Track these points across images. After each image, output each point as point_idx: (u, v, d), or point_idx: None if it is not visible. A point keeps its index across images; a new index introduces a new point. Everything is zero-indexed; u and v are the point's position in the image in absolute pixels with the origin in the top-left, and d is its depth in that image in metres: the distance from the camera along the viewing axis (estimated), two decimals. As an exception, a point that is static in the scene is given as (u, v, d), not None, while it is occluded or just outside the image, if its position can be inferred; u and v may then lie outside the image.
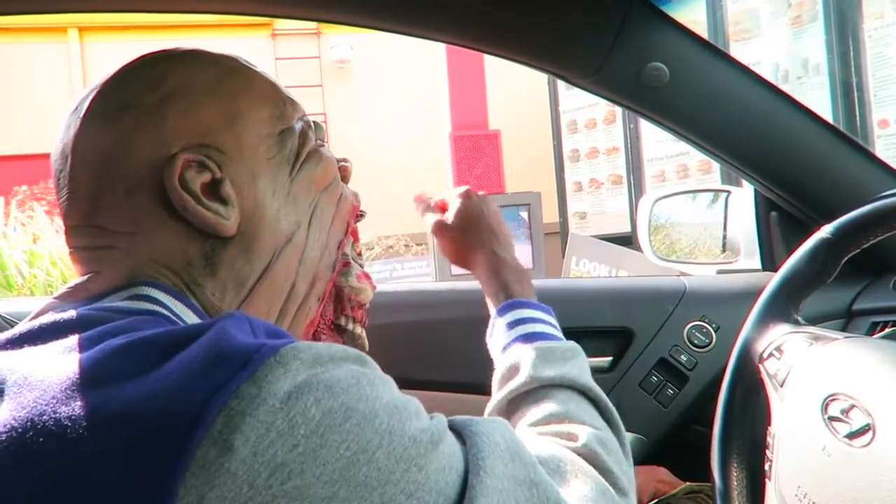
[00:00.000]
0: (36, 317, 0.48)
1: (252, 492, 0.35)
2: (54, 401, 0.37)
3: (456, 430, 0.45)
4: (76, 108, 0.54)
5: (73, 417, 0.36)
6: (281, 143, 0.56)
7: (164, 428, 0.35)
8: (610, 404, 0.61)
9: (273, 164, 0.55)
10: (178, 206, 0.50)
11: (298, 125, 0.58)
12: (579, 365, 0.63)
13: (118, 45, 7.58)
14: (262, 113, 0.55)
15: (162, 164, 0.50)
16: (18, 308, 0.91)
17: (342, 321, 0.61)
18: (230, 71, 0.55)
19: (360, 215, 0.64)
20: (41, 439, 0.36)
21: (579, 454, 0.53)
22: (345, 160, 0.63)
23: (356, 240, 0.64)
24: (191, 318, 0.48)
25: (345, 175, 0.63)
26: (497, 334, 0.68)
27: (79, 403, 0.36)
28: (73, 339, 0.41)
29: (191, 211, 0.50)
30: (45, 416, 0.37)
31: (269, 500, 0.35)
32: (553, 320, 0.69)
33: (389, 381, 0.43)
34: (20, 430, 0.37)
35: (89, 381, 0.38)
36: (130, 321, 0.43)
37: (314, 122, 0.61)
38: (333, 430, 0.37)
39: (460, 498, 0.40)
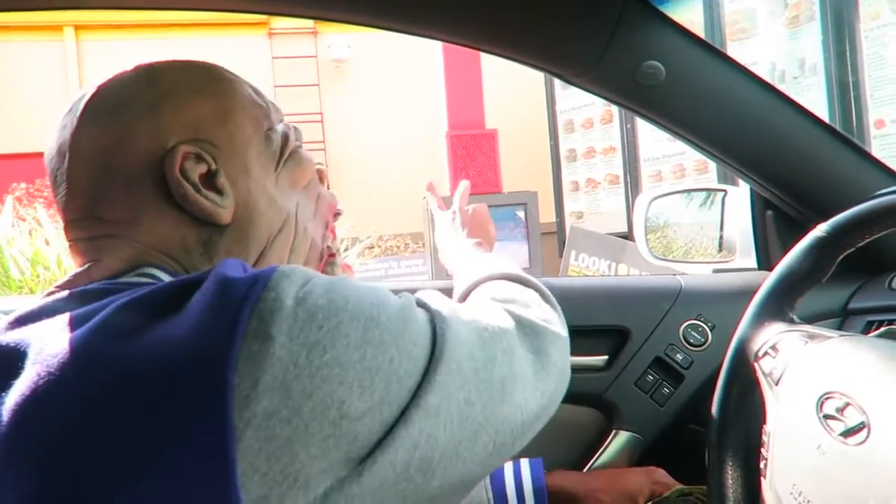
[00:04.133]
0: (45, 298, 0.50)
1: (297, 369, 0.41)
2: (107, 337, 0.42)
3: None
4: (70, 109, 0.56)
5: (132, 351, 0.41)
6: (266, 140, 0.60)
7: (211, 333, 0.40)
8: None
9: (261, 160, 0.59)
10: (177, 194, 0.53)
11: (280, 127, 0.62)
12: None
13: (114, 43, 7.57)
14: (248, 113, 0.59)
15: (161, 155, 0.53)
16: (17, 307, 0.91)
17: None
18: (218, 74, 0.59)
19: (337, 213, 0.69)
20: (85, 373, 0.41)
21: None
22: (320, 163, 0.68)
23: (334, 237, 0.69)
24: None
25: (321, 177, 0.68)
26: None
27: (130, 340, 0.41)
28: (89, 308, 0.45)
29: (190, 199, 0.53)
30: (82, 358, 0.41)
31: (314, 372, 0.41)
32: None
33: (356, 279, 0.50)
34: (54, 374, 0.41)
35: (129, 324, 0.42)
36: (140, 289, 0.46)
37: (294, 126, 0.65)
38: (343, 310, 0.44)
39: (434, 337, 0.48)
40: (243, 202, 0.56)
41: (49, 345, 0.43)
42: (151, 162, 0.53)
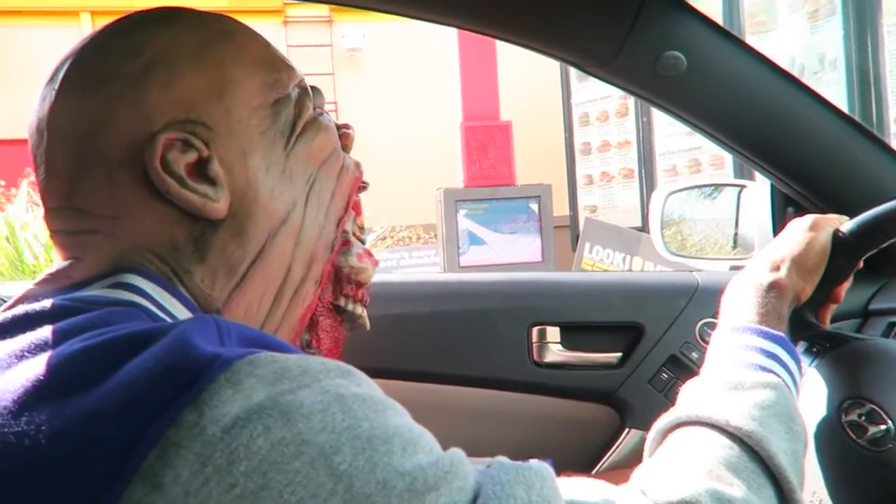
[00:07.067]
0: (12, 306, 0.46)
1: None
2: (6, 412, 0.34)
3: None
4: (51, 77, 0.50)
5: (18, 433, 0.33)
6: (275, 114, 0.51)
7: (95, 457, 0.31)
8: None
9: (266, 138, 0.50)
10: (161, 189, 0.46)
11: (295, 92, 0.53)
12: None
13: (130, 29, 7.61)
14: (253, 82, 0.51)
15: (143, 143, 0.46)
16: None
17: (341, 301, 0.58)
18: (218, 35, 0.51)
19: (362, 187, 0.59)
20: None
21: None
22: (346, 126, 0.59)
23: (358, 213, 0.60)
24: (176, 308, 0.46)
25: (346, 144, 0.58)
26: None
27: (25, 418, 0.33)
28: (42, 333, 0.39)
29: (175, 194, 0.46)
30: None
31: None
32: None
33: (382, 405, 0.37)
34: None
35: (42, 391, 0.35)
36: (104, 313, 0.40)
37: (312, 87, 0.56)
38: (280, 468, 0.31)
39: None
40: (241, 192, 0.48)
41: None
42: (134, 149, 0.46)
